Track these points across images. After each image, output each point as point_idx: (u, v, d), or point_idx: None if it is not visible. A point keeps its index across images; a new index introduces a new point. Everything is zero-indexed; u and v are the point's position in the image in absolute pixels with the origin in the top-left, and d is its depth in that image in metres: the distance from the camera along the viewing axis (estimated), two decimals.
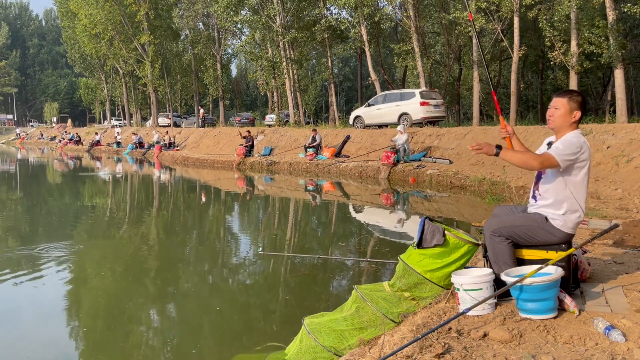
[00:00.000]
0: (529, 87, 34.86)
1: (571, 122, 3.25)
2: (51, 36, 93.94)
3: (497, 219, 3.47)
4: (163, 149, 29.57)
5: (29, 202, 14.11)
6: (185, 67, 38.42)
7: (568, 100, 3.25)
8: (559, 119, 3.27)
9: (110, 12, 36.32)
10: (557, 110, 3.27)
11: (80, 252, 8.09)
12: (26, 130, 65.99)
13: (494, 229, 3.34)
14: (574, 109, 3.23)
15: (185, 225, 10.60)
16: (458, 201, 12.49)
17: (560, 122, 3.27)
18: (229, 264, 7.34)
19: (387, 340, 3.07)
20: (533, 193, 3.48)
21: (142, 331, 4.96)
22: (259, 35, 29.75)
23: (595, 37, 17.65)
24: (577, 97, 3.27)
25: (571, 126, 3.27)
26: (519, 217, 3.43)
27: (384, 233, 9.11)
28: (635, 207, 7.69)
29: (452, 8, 23.41)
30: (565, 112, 3.25)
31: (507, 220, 3.39)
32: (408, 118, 19.73)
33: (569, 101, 3.25)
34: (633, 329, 2.75)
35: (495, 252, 3.34)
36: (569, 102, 3.24)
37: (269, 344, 4.24)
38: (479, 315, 3.11)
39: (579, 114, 3.24)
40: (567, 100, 3.25)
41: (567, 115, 3.25)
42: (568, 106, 3.24)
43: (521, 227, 3.31)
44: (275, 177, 19.10)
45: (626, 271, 3.91)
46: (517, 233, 3.31)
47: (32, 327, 5.05)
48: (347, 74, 64.36)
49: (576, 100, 3.25)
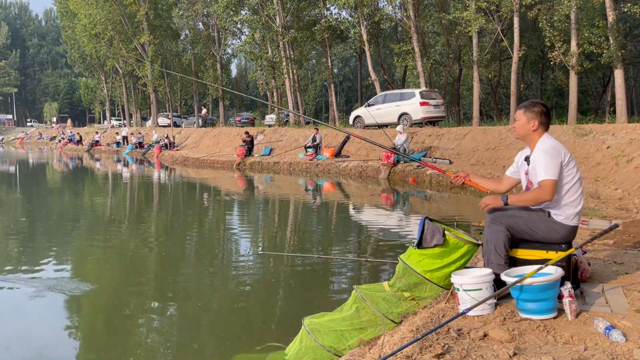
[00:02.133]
0: (529, 87, 34.85)
1: (532, 130, 3.42)
2: (51, 36, 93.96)
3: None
4: (163, 149, 29.58)
5: (29, 202, 14.10)
6: (185, 67, 38.44)
7: (524, 112, 3.45)
8: (519, 129, 3.50)
9: (110, 12, 36.32)
10: (518, 121, 3.50)
11: (79, 252, 8.08)
12: (25, 131, 66.04)
13: (494, 216, 3.38)
14: (530, 118, 3.42)
15: (185, 225, 10.59)
16: (458, 201, 12.49)
17: (521, 132, 3.49)
18: (229, 264, 7.34)
19: (387, 340, 3.07)
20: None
21: (142, 331, 4.95)
22: (259, 35, 29.75)
23: (595, 37, 17.64)
24: (534, 107, 3.44)
25: (535, 133, 3.42)
26: (522, 208, 3.47)
27: (384, 233, 9.11)
28: (635, 207, 7.69)
29: (452, 8, 23.40)
30: (523, 123, 3.45)
31: (509, 209, 3.42)
32: (408, 118, 19.74)
33: (525, 112, 3.45)
34: (633, 329, 2.75)
35: (490, 240, 3.36)
36: (525, 113, 3.45)
37: (269, 344, 4.23)
38: (479, 316, 3.10)
39: (536, 122, 3.40)
40: (523, 112, 3.46)
41: (525, 125, 3.45)
42: (524, 117, 3.45)
43: (522, 219, 3.35)
44: (275, 177, 19.10)
45: (626, 271, 3.91)
46: (518, 224, 3.34)
47: (32, 327, 5.05)
48: (347, 74, 64.35)
49: (532, 111, 3.42)
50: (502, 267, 3.29)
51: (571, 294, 2.98)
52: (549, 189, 3.23)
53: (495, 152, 15.22)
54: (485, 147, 15.70)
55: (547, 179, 3.24)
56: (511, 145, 14.82)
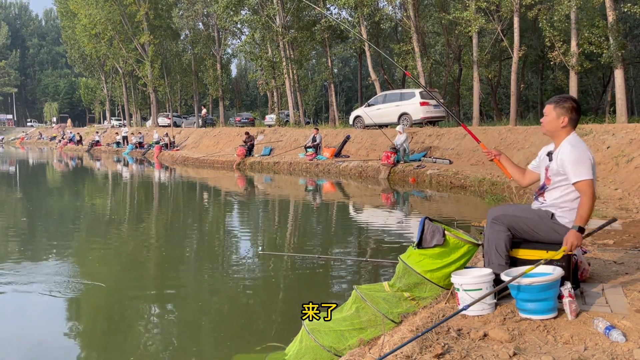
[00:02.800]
0: (529, 87, 34.85)
1: (561, 127, 3.33)
2: (51, 36, 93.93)
3: (501, 207, 3.50)
4: (163, 149, 29.58)
5: (29, 202, 14.10)
6: (185, 67, 38.44)
7: (554, 107, 3.35)
8: (547, 124, 3.39)
9: (110, 12, 36.32)
10: (546, 116, 3.40)
11: (80, 252, 8.08)
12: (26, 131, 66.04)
13: (496, 216, 3.35)
14: (560, 114, 3.32)
15: (185, 225, 10.60)
16: (458, 201, 12.49)
17: (549, 128, 3.39)
18: (229, 264, 7.34)
19: (387, 340, 3.07)
20: (536, 198, 3.49)
21: (141, 331, 4.95)
22: (259, 35, 29.75)
23: (595, 37, 17.64)
24: (565, 102, 3.34)
25: (564, 130, 3.34)
26: (524, 209, 3.44)
27: (384, 233, 9.11)
28: (635, 207, 7.68)
29: (452, 8, 23.40)
30: (552, 119, 3.35)
31: (511, 209, 3.41)
32: (408, 118, 19.74)
33: (555, 107, 3.35)
34: (633, 329, 2.75)
35: (491, 240, 3.33)
36: (555, 109, 3.35)
37: (269, 344, 4.23)
38: (479, 316, 3.10)
39: (566, 119, 3.31)
40: (553, 107, 3.36)
41: (554, 121, 3.35)
42: (554, 112, 3.34)
43: (524, 219, 3.32)
44: (275, 177, 19.10)
45: (626, 271, 3.91)
46: (519, 224, 3.31)
47: (32, 327, 5.05)
48: (347, 74, 64.34)
49: (562, 107, 3.33)
50: (503, 267, 3.27)
51: (571, 294, 2.97)
52: (590, 189, 3.16)
53: None
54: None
55: (585, 180, 3.16)
56: (511, 145, 14.83)
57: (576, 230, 3.14)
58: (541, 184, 3.47)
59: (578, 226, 3.15)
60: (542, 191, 3.44)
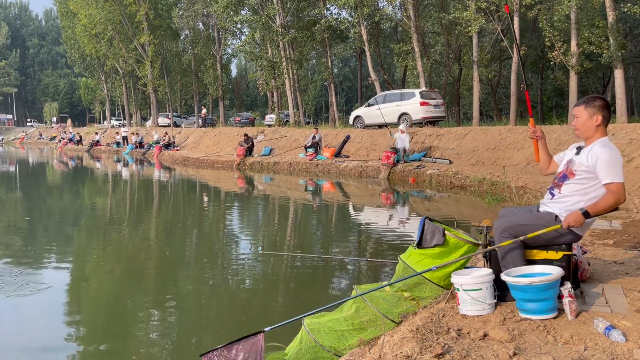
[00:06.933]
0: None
1: (595, 126, 3.29)
2: (51, 36, 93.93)
3: (505, 218, 3.44)
4: (163, 149, 29.58)
5: (29, 201, 14.10)
6: (185, 67, 38.43)
7: (585, 107, 3.31)
8: (581, 126, 3.33)
9: (110, 12, 36.32)
10: (578, 118, 3.34)
11: (80, 252, 8.08)
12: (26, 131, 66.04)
13: (503, 229, 3.33)
14: (593, 113, 3.28)
15: (185, 224, 10.60)
16: (458, 201, 12.49)
17: (583, 129, 3.33)
18: (229, 263, 7.34)
19: (387, 340, 3.07)
20: (551, 189, 3.45)
21: (142, 330, 4.95)
22: (259, 35, 29.74)
23: (595, 37, 17.64)
24: (595, 101, 3.31)
25: (597, 130, 3.30)
26: (527, 217, 3.42)
27: (384, 233, 9.11)
28: (635, 207, 7.68)
29: (452, 8, 23.39)
30: (585, 119, 3.30)
31: (515, 220, 3.38)
32: (408, 118, 19.73)
33: (586, 107, 3.31)
34: (633, 329, 2.75)
35: (506, 255, 3.30)
36: (587, 108, 3.30)
37: (269, 344, 4.23)
38: (479, 316, 3.10)
39: (600, 116, 3.27)
40: (584, 107, 3.31)
41: (588, 121, 3.30)
42: (586, 112, 3.30)
43: (529, 227, 3.29)
44: (275, 177, 19.10)
45: (626, 271, 3.91)
46: (524, 232, 3.29)
47: (32, 328, 5.05)
48: (347, 74, 64.36)
49: (593, 105, 3.30)
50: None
51: (571, 294, 2.97)
52: (622, 192, 3.15)
53: (495, 152, 15.22)
54: (485, 147, 15.70)
55: (617, 182, 3.15)
56: (511, 145, 14.83)
57: (581, 213, 3.13)
58: (561, 174, 3.41)
59: (585, 210, 3.14)
60: (561, 182, 3.38)
